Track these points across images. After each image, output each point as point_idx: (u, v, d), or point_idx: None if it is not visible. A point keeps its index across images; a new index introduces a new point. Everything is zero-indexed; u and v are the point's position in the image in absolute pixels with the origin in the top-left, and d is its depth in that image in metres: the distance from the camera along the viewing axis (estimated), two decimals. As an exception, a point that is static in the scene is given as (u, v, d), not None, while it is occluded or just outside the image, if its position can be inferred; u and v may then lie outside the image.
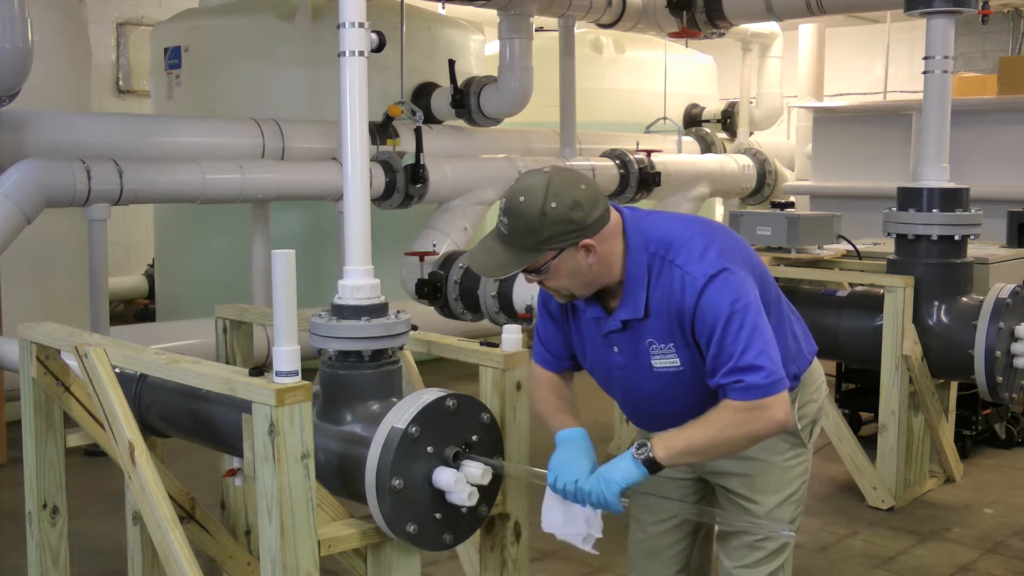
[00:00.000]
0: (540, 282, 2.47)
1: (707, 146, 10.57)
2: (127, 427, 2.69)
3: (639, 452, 2.36)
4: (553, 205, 2.32)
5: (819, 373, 2.75)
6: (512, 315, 5.72)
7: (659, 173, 8.45)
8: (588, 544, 2.49)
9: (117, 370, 2.80)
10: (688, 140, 10.34)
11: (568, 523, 2.47)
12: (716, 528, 2.72)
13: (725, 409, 2.37)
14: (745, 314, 2.36)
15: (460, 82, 7.77)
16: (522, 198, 2.34)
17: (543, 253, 2.36)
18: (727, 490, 2.66)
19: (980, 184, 6.33)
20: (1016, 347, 4.70)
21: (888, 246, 5.47)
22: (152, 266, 9.44)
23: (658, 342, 2.45)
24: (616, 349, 2.52)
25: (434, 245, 6.64)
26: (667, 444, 2.36)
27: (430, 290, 6.12)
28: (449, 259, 6.26)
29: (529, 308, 5.47)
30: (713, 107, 11.56)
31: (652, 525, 2.79)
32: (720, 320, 2.35)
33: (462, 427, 2.52)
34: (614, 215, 2.44)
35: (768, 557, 2.64)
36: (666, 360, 2.46)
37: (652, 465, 2.35)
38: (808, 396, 2.68)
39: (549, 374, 2.69)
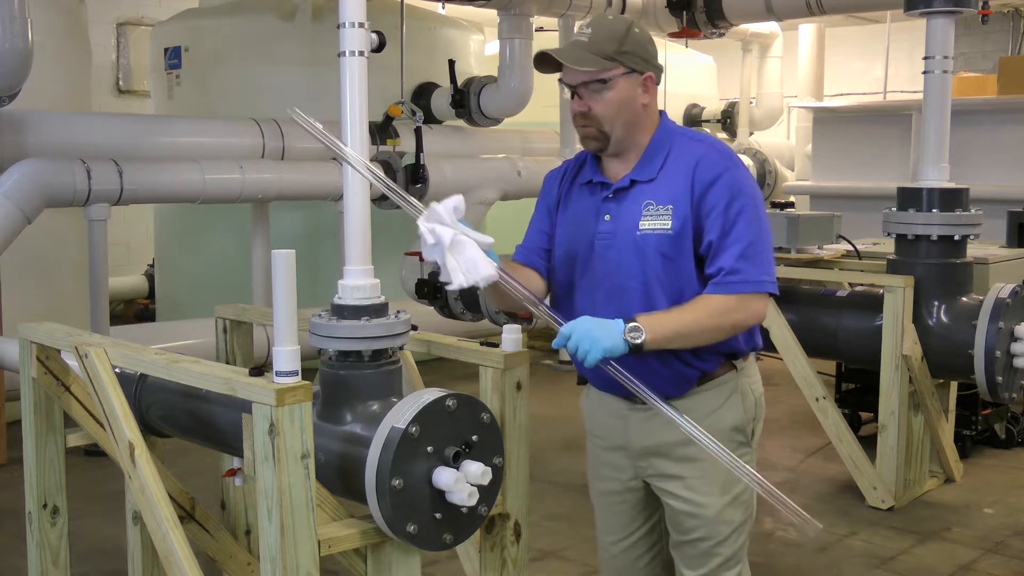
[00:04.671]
0: (586, 111, 2.50)
1: (707, 146, 10.57)
2: (127, 427, 2.69)
3: (632, 335, 2.35)
4: (637, 30, 2.51)
5: (756, 368, 2.74)
6: (512, 315, 5.71)
7: (659, 173, 8.45)
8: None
9: (117, 370, 2.80)
10: (688, 140, 10.33)
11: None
12: (671, 536, 2.68)
13: (710, 301, 2.44)
14: (758, 210, 2.48)
15: (460, 82, 7.77)
16: (611, 16, 2.55)
17: (617, 66, 2.46)
18: (672, 494, 2.62)
19: (980, 184, 6.33)
20: (1016, 347, 4.70)
21: (888, 246, 5.47)
22: (152, 266, 9.44)
23: (657, 203, 2.49)
24: (607, 217, 2.55)
25: (434, 245, 6.64)
26: (655, 329, 2.37)
27: (430, 290, 6.11)
28: (449, 259, 6.25)
29: (529, 308, 5.46)
30: (713, 107, 11.57)
31: (613, 544, 2.80)
32: (737, 201, 2.44)
33: (462, 427, 2.52)
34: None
35: (726, 563, 2.62)
36: (657, 222, 2.48)
37: (638, 350, 2.36)
38: (750, 386, 2.66)
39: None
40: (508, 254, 2.77)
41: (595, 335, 2.34)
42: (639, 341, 2.35)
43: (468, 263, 2.34)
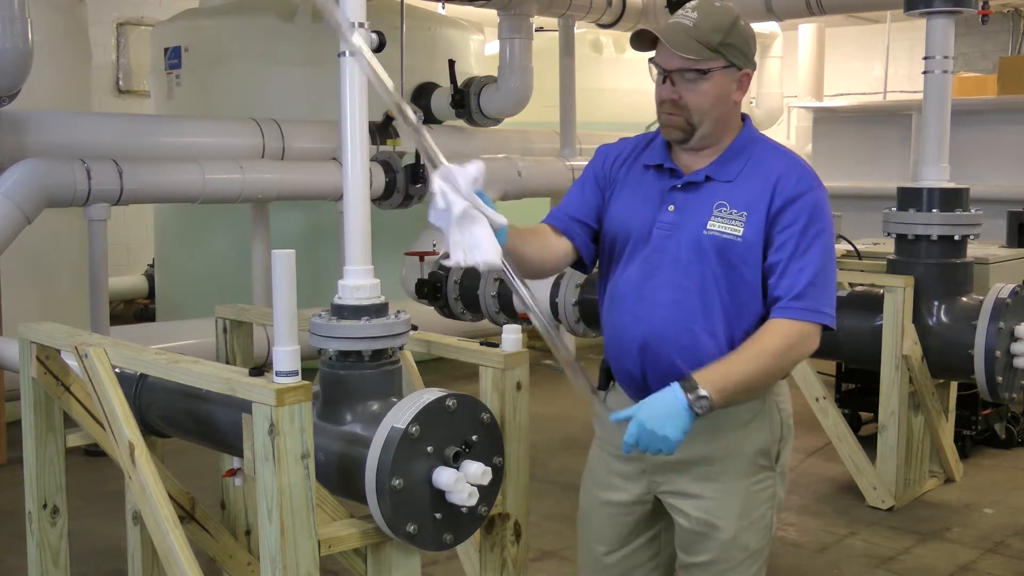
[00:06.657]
0: (677, 99, 2.37)
1: (707, 146, 10.57)
2: (127, 427, 2.69)
3: (699, 404, 2.16)
4: (742, 23, 2.38)
5: (787, 387, 2.55)
6: (512, 315, 5.71)
7: (659, 173, 8.44)
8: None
9: (117, 370, 2.80)
10: (688, 140, 10.33)
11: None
12: (679, 557, 2.54)
13: (777, 334, 2.29)
14: (832, 239, 2.38)
15: (460, 82, 7.77)
16: (718, 3, 2.37)
17: (718, 58, 2.35)
18: (685, 513, 2.45)
19: (980, 184, 6.33)
20: (1016, 347, 4.70)
21: (888, 246, 5.47)
22: (152, 266, 9.44)
23: (731, 207, 2.37)
24: (671, 208, 2.43)
25: (434, 245, 6.64)
26: (721, 387, 2.20)
27: (430, 290, 6.11)
28: (449, 259, 6.26)
29: (529, 308, 5.46)
30: (713, 107, 11.52)
31: (605, 556, 2.60)
32: (815, 224, 2.34)
33: (462, 427, 2.52)
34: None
35: None
36: (728, 225, 2.36)
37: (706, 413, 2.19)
38: (778, 405, 2.49)
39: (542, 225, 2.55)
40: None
41: (661, 432, 2.15)
42: (705, 411, 2.19)
43: (472, 241, 2.09)
